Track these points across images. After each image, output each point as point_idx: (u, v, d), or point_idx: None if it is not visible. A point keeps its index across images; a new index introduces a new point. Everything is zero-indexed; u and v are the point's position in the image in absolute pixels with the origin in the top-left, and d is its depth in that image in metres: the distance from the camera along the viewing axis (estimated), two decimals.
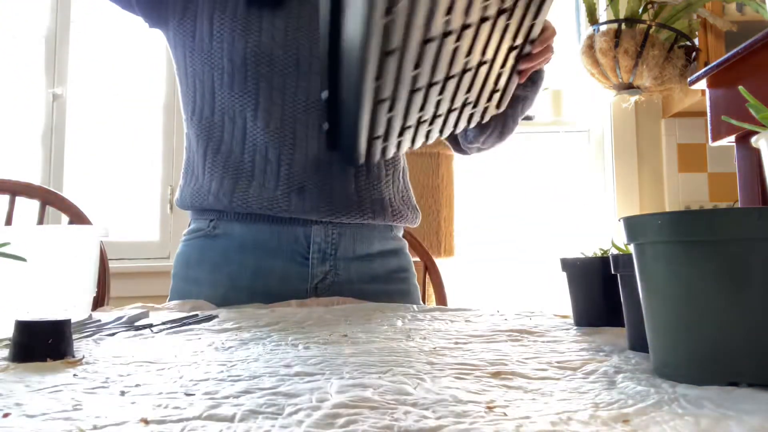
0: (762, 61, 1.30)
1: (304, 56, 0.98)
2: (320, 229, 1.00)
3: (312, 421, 0.32)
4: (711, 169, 2.31)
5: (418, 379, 0.42)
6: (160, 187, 2.28)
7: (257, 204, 0.97)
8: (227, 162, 0.99)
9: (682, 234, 0.39)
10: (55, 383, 0.41)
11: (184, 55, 1.03)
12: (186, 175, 1.05)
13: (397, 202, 1.07)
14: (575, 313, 0.69)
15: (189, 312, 0.84)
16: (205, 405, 0.35)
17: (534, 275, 2.28)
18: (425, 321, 0.74)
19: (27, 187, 1.38)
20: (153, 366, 0.47)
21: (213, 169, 1.00)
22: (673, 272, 0.39)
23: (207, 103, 1.01)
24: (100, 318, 0.76)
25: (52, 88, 2.27)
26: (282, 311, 0.83)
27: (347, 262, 1.02)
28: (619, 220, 0.44)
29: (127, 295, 2.00)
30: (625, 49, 1.90)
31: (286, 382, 0.41)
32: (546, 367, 0.45)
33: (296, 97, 0.98)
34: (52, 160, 2.26)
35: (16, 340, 0.50)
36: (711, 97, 1.49)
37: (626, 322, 0.54)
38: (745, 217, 0.37)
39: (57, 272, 0.70)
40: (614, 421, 0.31)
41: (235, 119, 0.99)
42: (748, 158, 1.40)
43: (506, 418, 0.32)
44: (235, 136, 0.99)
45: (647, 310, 0.42)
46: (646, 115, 2.35)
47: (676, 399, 0.35)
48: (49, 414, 0.34)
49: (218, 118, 1.00)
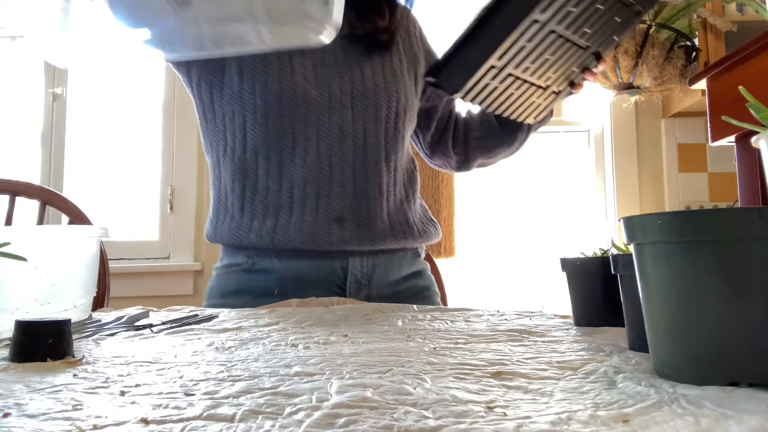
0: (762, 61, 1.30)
1: (336, 93, 1.01)
2: (357, 261, 1.04)
3: (312, 421, 0.32)
4: (711, 169, 2.31)
5: (418, 379, 0.41)
6: (160, 187, 2.28)
7: (299, 238, 0.99)
8: (266, 200, 1.01)
9: (682, 234, 0.39)
10: (55, 383, 0.41)
11: (210, 94, 1.04)
12: (218, 212, 1.06)
13: (419, 222, 1.11)
14: (575, 313, 0.69)
15: (189, 312, 0.84)
16: (205, 405, 0.35)
17: (534, 275, 2.28)
18: (425, 321, 0.74)
19: (27, 187, 1.38)
20: (153, 366, 0.47)
21: (252, 207, 1.02)
22: (673, 272, 0.39)
23: (239, 142, 1.02)
24: (100, 318, 0.76)
25: (52, 88, 2.27)
26: (282, 311, 0.83)
27: (380, 290, 1.06)
28: (619, 220, 0.44)
29: (127, 295, 2.00)
30: (625, 49, 1.90)
31: (286, 382, 0.41)
32: (546, 367, 0.45)
33: (330, 130, 1.01)
34: (52, 160, 2.26)
35: (16, 340, 0.50)
36: (711, 97, 1.49)
37: (626, 322, 0.54)
38: (745, 217, 0.37)
39: (57, 272, 0.70)
40: (614, 421, 0.31)
41: (270, 157, 1.01)
42: (748, 158, 1.40)
43: (506, 418, 0.32)
44: (272, 174, 1.01)
45: (647, 310, 0.42)
46: (646, 115, 2.35)
47: (676, 399, 0.35)
48: (49, 414, 0.34)
49: (251, 156, 1.02)
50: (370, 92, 1.04)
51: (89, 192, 2.28)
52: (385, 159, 1.05)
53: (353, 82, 1.03)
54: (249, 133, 1.01)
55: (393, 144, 1.06)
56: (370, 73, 1.05)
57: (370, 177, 1.03)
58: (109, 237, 0.78)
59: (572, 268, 0.69)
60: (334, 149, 1.01)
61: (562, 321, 0.72)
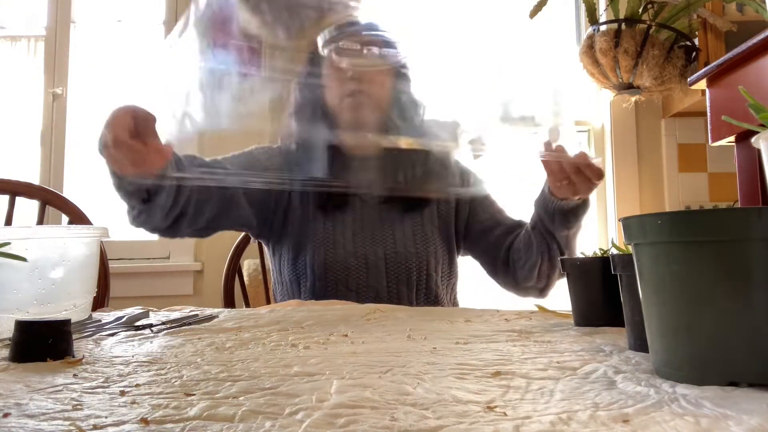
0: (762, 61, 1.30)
1: (371, 259, 1.13)
2: None
3: (312, 421, 0.32)
4: (711, 169, 2.31)
5: (418, 379, 0.41)
6: None
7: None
8: None
9: (682, 234, 0.39)
10: (55, 383, 0.41)
11: (280, 263, 1.20)
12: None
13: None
14: (575, 313, 0.69)
15: (189, 312, 0.84)
16: (205, 405, 0.35)
17: None
18: (425, 321, 0.74)
19: (27, 187, 1.38)
20: (153, 366, 0.47)
21: None
22: (673, 272, 0.39)
23: (295, 293, 1.17)
24: (100, 318, 0.76)
25: (52, 88, 2.27)
26: (282, 311, 0.83)
27: None
28: (619, 220, 0.44)
29: (127, 295, 2.00)
30: (625, 49, 1.90)
31: (286, 382, 0.41)
32: (546, 367, 0.45)
33: (368, 293, 1.11)
34: (52, 160, 2.25)
35: (16, 340, 0.50)
36: (711, 97, 1.49)
37: (626, 322, 0.54)
38: (745, 217, 0.37)
39: (57, 272, 0.70)
40: (614, 421, 0.31)
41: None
42: (748, 158, 1.40)
43: (506, 418, 0.32)
44: None
45: (647, 310, 0.42)
46: (646, 115, 2.34)
47: (676, 399, 0.35)
48: (49, 414, 0.34)
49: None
50: (402, 257, 1.14)
51: (89, 192, 2.28)
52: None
53: (386, 248, 1.14)
54: (302, 289, 1.15)
55: (425, 303, 1.15)
56: (401, 237, 1.15)
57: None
58: (109, 237, 0.78)
59: (572, 268, 0.69)
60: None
61: (562, 321, 0.72)
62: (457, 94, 1.13)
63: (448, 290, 1.22)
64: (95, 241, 0.76)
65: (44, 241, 0.70)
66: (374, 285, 1.12)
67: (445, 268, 1.20)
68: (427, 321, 0.73)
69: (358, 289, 1.11)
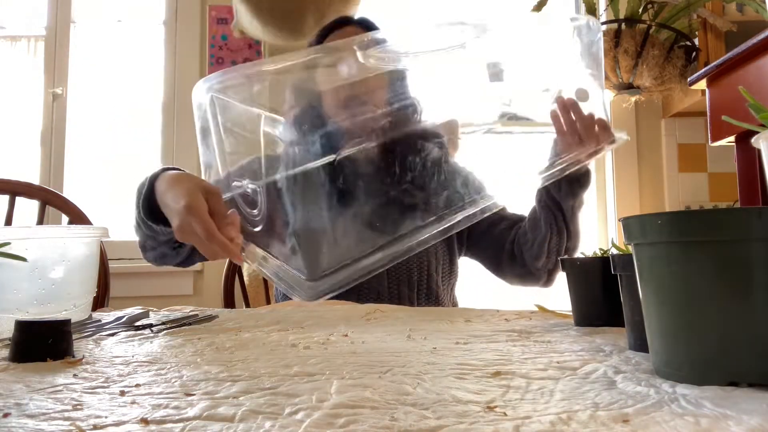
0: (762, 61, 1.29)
1: (383, 289, 1.13)
2: None
3: (312, 421, 0.32)
4: (711, 169, 2.31)
5: (418, 379, 0.41)
6: None
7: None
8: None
9: (682, 234, 0.39)
10: (55, 383, 0.41)
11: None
12: None
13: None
14: (575, 313, 0.69)
15: (189, 312, 0.84)
16: (205, 405, 0.35)
17: None
18: (425, 321, 0.74)
19: (27, 187, 1.38)
20: (153, 366, 0.47)
21: None
22: (673, 272, 0.39)
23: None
24: (100, 318, 0.76)
25: (52, 88, 2.27)
26: (282, 311, 0.83)
27: None
28: (619, 220, 0.44)
29: (127, 295, 2.00)
30: (625, 48, 1.90)
31: (286, 382, 0.41)
32: (546, 367, 0.45)
33: (369, 295, 1.10)
34: (52, 160, 2.25)
35: (16, 340, 0.50)
36: (711, 97, 1.49)
37: (626, 322, 0.54)
38: (745, 217, 0.37)
39: (57, 272, 0.70)
40: (614, 421, 0.31)
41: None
42: (748, 158, 1.40)
43: (506, 418, 0.32)
44: None
45: (647, 310, 0.42)
46: (646, 115, 2.34)
47: (676, 399, 0.35)
48: (49, 414, 0.34)
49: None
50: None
51: (89, 192, 2.28)
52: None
53: None
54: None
55: (426, 303, 1.15)
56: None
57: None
58: (109, 237, 0.78)
59: (572, 268, 0.69)
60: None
61: (562, 321, 0.72)
62: (456, 94, 1.13)
63: (448, 290, 1.22)
64: (95, 241, 0.76)
65: (44, 241, 0.70)
66: (375, 286, 1.12)
67: (445, 268, 1.20)
68: (427, 321, 0.73)
69: (359, 289, 1.11)
